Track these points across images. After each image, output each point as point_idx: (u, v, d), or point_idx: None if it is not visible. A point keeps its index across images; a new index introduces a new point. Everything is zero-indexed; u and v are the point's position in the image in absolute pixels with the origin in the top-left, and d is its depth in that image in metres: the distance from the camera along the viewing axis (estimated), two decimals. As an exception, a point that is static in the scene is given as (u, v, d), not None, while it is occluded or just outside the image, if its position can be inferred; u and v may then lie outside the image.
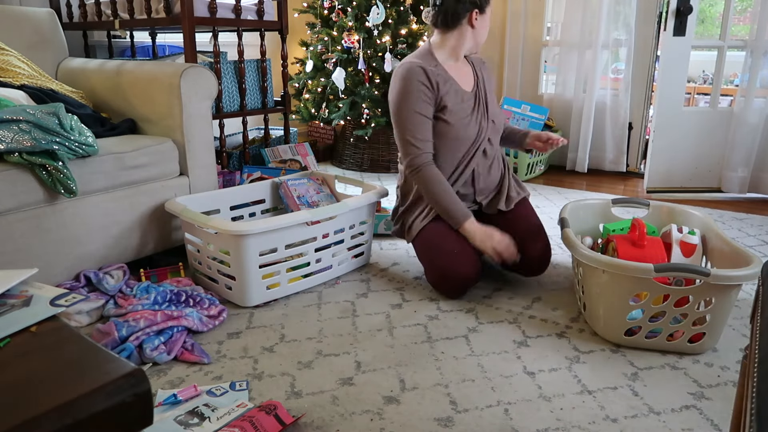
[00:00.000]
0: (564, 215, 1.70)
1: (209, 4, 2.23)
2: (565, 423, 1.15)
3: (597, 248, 1.69)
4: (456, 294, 1.69)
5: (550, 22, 3.48)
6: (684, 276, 1.30)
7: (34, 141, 1.48)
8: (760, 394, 0.50)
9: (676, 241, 1.55)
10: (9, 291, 0.83)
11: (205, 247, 1.68)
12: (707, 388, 1.26)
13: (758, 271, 1.28)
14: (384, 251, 2.09)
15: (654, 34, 3.17)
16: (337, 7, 3.14)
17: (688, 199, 2.83)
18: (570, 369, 1.34)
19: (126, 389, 0.62)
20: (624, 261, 1.34)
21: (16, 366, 0.65)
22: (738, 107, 2.84)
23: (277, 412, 1.13)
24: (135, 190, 1.76)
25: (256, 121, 3.56)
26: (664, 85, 2.87)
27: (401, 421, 1.15)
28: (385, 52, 3.03)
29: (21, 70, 1.96)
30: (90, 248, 1.67)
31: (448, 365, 1.35)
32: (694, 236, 1.56)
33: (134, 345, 1.35)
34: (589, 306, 1.50)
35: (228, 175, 2.41)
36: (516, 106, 3.23)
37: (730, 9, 2.79)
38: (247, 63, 2.58)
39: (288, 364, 1.35)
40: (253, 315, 1.60)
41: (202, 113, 1.89)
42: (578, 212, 1.82)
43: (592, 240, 1.75)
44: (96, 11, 2.49)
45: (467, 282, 1.65)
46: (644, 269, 1.31)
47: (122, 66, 2.03)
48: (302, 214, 1.63)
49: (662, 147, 2.95)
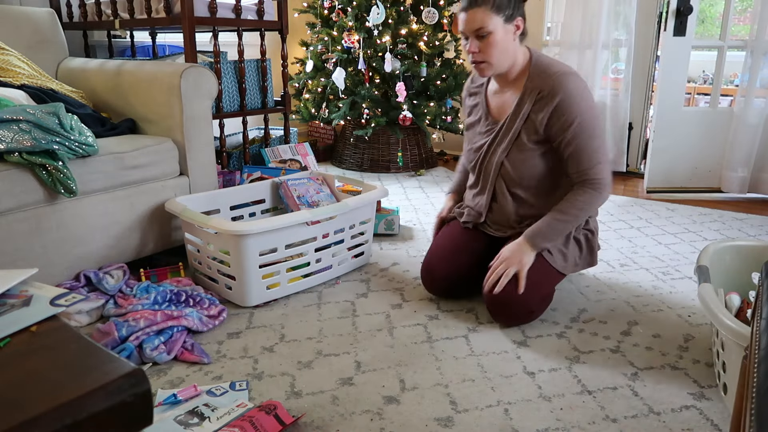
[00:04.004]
0: (703, 263, 1.30)
1: (209, 4, 2.23)
2: (565, 423, 1.15)
3: (746, 311, 1.29)
4: (437, 292, 1.67)
5: (550, 22, 3.48)
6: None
7: (34, 141, 1.48)
8: (760, 393, 0.50)
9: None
10: (9, 291, 0.83)
11: (205, 247, 1.68)
12: (707, 388, 1.26)
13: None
14: (384, 251, 2.09)
15: (654, 34, 3.17)
16: (337, 7, 3.14)
17: (688, 200, 2.83)
18: (570, 369, 1.34)
19: (126, 389, 0.62)
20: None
21: (16, 366, 0.65)
22: (738, 107, 2.84)
23: (277, 412, 1.13)
24: (135, 190, 1.76)
25: (256, 121, 3.56)
26: (664, 85, 2.87)
27: (401, 421, 1.15)
28: (385, 52, 3.03)
29: (21, 70, 1.96)
30: (90, 248, 1.67)
31: (448, 365, 1.35)
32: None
33: (134, 345, 1.35)
34: (731, 390, 1.14)
35: (228, 175, 2.41)
36: (516, 106, 3.22)
37: (730, 9, 2.79)
38: (247, 63, 2.58)
39: (288, 364, 1.35)
40: (253, 315, 1.60)
41: (202, 113, 1.89)
42: (724, 258, 1.39)
43: (740, 299, 1.31)
44: (96, 11, 2.49)
45: (438, 282, 1.63)
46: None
47: (122, 66, 2.03)
48: (302, 214, 1.63)
49: (662, 147, 2.95)
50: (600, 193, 1.49)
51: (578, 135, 1.45)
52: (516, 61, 1.52)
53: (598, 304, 1.67)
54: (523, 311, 1.49)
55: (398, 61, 3.05)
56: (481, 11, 1.43)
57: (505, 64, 1.51)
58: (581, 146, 1.46)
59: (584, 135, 1.46)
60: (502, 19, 1.44)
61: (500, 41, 1.46)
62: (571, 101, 1.44)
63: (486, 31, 1.44)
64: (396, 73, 3.06)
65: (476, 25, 1.44)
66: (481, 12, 1.43)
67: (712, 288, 1.20)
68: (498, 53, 1.47)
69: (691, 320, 1.57)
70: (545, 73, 1.48)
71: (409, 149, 3.39)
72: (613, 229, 2.36)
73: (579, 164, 1.48)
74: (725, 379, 1.17)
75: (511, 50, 1.49)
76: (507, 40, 1.47)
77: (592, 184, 1.48)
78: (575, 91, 1.44)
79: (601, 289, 1.77)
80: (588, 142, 1.46)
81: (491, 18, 1.43)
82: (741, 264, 1.41)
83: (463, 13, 1.46)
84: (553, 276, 1.55)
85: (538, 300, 1.51)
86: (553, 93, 1.45)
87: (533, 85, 1.49)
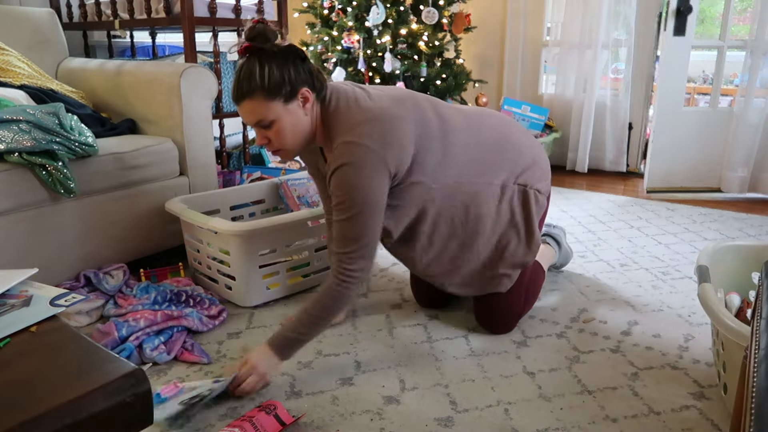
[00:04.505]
0: (703, 263, 1.29)
1: (209, 4, 2.23)
2: (565, 423, 1.15)
3: (746, 310, 1.29)
4: (429, 306, 1.64)
5: (550, 22, 3.48)
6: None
7: (34, 141, 1.48)
8: (760, 393, 0.50)
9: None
10: (9, 291, 0.83)
11: (205, 247, 1.68)
12: (707, 388, 1.26)
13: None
14: (384, 251, 2.08)
15: (654, 34, 3.17)
16: (337, 7, 3.14)
17: (688, 199, 2.83)
18: (570, 369, 1.34)
19: (126, 389, 0.62)
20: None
21: (16, 366, 0.65)
22: (738, 107, 2.84)
23: (277, 412, 1.13)
24: (135, 190, 1.76)
25: (256, 121, 3.55)
26: (664, 85, 2.87)
27: (401, 421, 1.15)
28: (385, 52, 3.03)
29: (21, 70, 1.96)
30: (90, 248, 1.67)
31: (448, 365, 1.35)
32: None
33: (134, 345, 1.35)
34: (731, 390, 1.14)
35: (228, 175, 2.41)
36: (516, 107, 3.23)
37: (730, 9, 2.79)
38: (247, 63, 2.58)
39: (288, 364, 1.35)
40: (253, 315, 1.60)
41: (202, 113, 1.89)
42: (724, 258, 1.38)
43: (740, 298, 1.31)
44: (96, 11, 2.49)
45: (428, 299, 1.63)
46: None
47: (122, 66, 2.03)
48: (302, 214, 1.63)
49: (662, 147, 2.95)
50: (346, 287, 1.24)
51: (340, 213, 1.24)
52: (316, 127, 1.29)
53: (598, 304, 1.67)
54: (509, 322, 1.50)
55: (398, 61, 3.05)
56: (255, 103, 1.19)
57: (303, 141, 1.28)
58: (340, 226, 1.24)
59: (345, 216, 1.23)
60: (282, 102, 1.20)
61: (288, 124, 1.23)
62: (343, 177, 1.21)
63: (267, 121, 1.21)
64: (396, 73, 3.06)
65: (255, 118, 1.22)
66: (254, 103, 1.20)
67: (712, 288, 1.18)
68: (291, 137, 1.25)
69: (691, 320, 1.57)
70: (333, 143, 1.26)
71: (409, 149, 3.39)
72: (613, 229, 2.36)
73: (336, 244, 1.26)
74: (725, 379, 1.16)
75: (305, 124, 1.26)
76: (296, 120, 1.24)
77: (342, 276, 1.24)
78: (351, 167, 1.21)
79: (601, 289, 1.77)
80: (346, 225, 1.23)
81: (267, 106, 1.20)
82: (741, 264, 1.41)
83: (238, 107, 1.24)
84: (519, 288, 1.48)
85: (521, 303, 1.49)
86: (332, 164, 1.24)
87: (327, 152, 1.32)
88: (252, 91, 1.19)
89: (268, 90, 1.19)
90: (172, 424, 1.14)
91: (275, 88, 1.19)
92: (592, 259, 2.01)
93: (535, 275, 1.55)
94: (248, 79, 1.19)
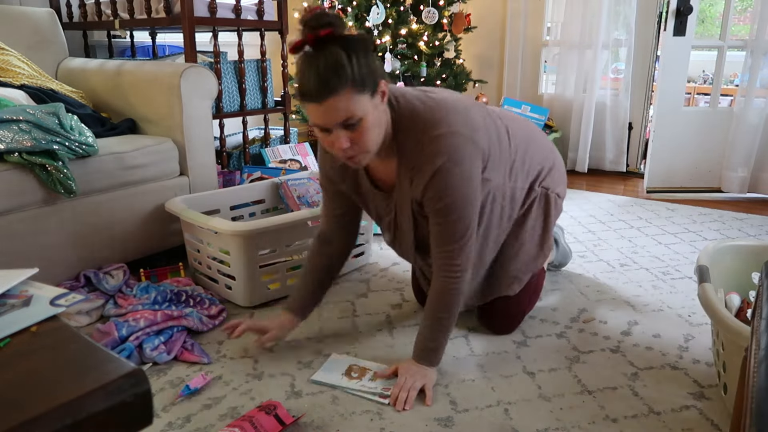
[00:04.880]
0: (703, 263, 1.28)
1: (209, 4, 2.23)
2: (565, 423, 1.15)
3: (746, 310, 1.28)
4: (420, 303, 1.65)
5: (550, 22, 3.48)
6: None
7: (34, 141, 1.48)
8: (760, 393, 0.50)
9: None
10: (9, 291, 0.83)
11: (205, 247, 1.68)
12: (707, 388, 1.26)
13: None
14: (384, 251, 2.08)
15: (654, 34, 3.17)
16: (337, 7, 3.14)
17: (688, 199, 2.83)
18: (570, 369, 1.34)
19: (126, 389, 0.61)
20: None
21: (16, 366, 0.65)
22: (738, 107, 2.84)
23: (277, 412, 1.13)
24: (135, 190, 1.76)
25: (256, 121, 3.56)
26: (664, 85, 2.87)
27: (401, 421, 1.15)
28: (385, 52, 3.03)
29: (21, 70, 1.96)
30: (90, 248, 1.67)
31: (448, 365, 1.35)
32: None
33: (134, 345, 1.35)
34: (731, 390, 1.13)
35: (228, 175, 2.41)
36: (516, 107, 3.23)
37: (730, 9, 2.79)
38: (247, 63, 2.58)
39: (288, 364, 1.35)
40: (253, 315, 1.60)
41: (202, 113, 1.89)
42: (724, 258, 1.38)
43: (740, 298, 1.31)
44: (96, 11, 2.49)
45: (415, 294, 1.65)
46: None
47: (122, 66, 2.03)
48: (302, 214, 1.63)
49: (662, 147, 2.95)
50: (457, 281, 1.24)
51: (445, 216, 1.21)
52: (387, 129, 1.19)
53: (598, 304, 1.67)
54: (512, 324, 1.50)
55: (398, 61, 3.05)
56: (343, 98, 1.05)
57: (382, 141, 1.17)
58: (444, 228, 1.22)
59: (451, 218, 1.21)
60: (369, 96, 1.08)
61: (374, 122, 1.11)
62: (443, 178, 1.17)
63: (356, 119, 1.08)
64: (396, 73, 3.06)
65: (342, 116, 1.07)
66: (344, 99, 1.05)
67: (712, 288, 1.18)
68: (376, 136, 1.13)
69: (691, 320, 1.57)
70: (417, 144, 1.18)
71: (409, 149, 3.39)
72: (613, 229, 2.36)
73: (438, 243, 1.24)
74: (725, 379, 1.16)
75: (385, 122, 1.16)
76: (380, 117, 1.13)
77: (450, 270, 1.24)
78: (450, 165, 1.16)
79: (601, 289, 1.77)
80: (451, 226, 1.21)
81: (357, 101, 1.06)
82: (741, 264, 1.41)
83: (316, 105, 1.06)
84: (529, 291, 1.49)
85: (525, 302, 1.50)
86: (423, 167, 1.18)
87: (404, 158, 1.21)
88: (342, 85, 1.04)
89: (359, 83, 1.05)
90: (319, 386, 1.26)
91: (364, 81, 1.06)
92: (592, 259, 2.01)
93: (539, 277, 1.55)
94: (335, 71, 1.03)
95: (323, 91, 1.04)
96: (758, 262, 1.38)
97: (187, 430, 1.12)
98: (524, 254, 1.43)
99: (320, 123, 1.09)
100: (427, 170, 1.17)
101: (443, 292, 1.25)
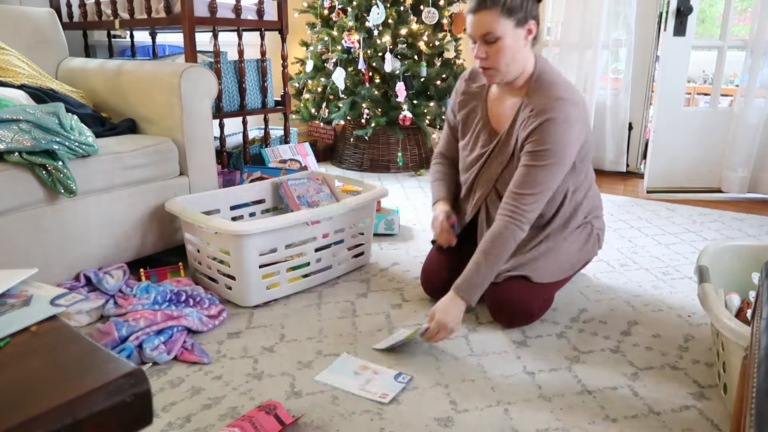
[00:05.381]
0: (703, 263, 1.30)
1: (209, 4, 2.23)
2: (565, 423, 1.15)
3: (746, 310, 1.29)
4: (437, 296, 1.63)
5: (550, 22, 3.48)
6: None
7: (34, 141, 1.48)
8: (760, 393, 0.50)
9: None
10: (9, 291, 0.83)
11: (205, 247, 1.68)
12: (707, 388, 1.26)
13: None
14: (384, 251, 2.09)
15: (654, 34, 3.17)
16: (337, 7, 3.14)
17: (688, 200, 2.83)
18: (570, 369, 1.34)
19: (126, 389, 0.62)
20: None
21: (16, 366, 0.65)
22: (738, 107, 2.84)
23: (277, 412, 1.13)
24: (135, 190, 1.76)
25: (256, 121, 3.56)
26: (664, 85, 2.87)
27: (401, 421, 1.15)
28: (385, 52, 3.03)
29: (21, 70, 1.96)
30: (90, 248, 1.67)
31: (448, 365, 1.35)
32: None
33: (134, 345, 1.35)
34: (731, 390, 1.14)
35: (228, 175, 2.41)
36: (516, 106, 3.22)
37: (730, 9, 2.79)
38: (247, 63, 2.58)
39: (288, 364, 1.35)
40: (253, 315, 1.60)
41: (202, 113, 1.89)
42: (724, 258, 1.39)
43: (740, 298, 1.31)
44: (96, 11, 2.49)
45: (439, 287, 1.62)
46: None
47: (122, 66, 2.03)
48: (302, 214, 1.63)
49: (662, 147, 2.95)
50: (517, 228, 1.38)
51: (538, 160, 1.37)
52: (525, 69, 1.42)
53: (598, 304, 1.67)
54: (524, 314, 1.50)
55: (398, 61, 3.05)
56: (490, 14, 1.31)
57: (514, 71, 1.40)
58: (532, 171, 1.38)
59: (542, 163, 1.37)
60: (513, 24, 1.33)
61: (510, 47, 1.35)
62: (554, 128, 1.35)
63: (494, 37, 1.33)
64: (396, 73, 3.06)
65: (484, 30, 1.33)
66: (490, 15, 1.32)
67: (712, 288, 1.19)
68: (507, 60, 1.36)
69: (691, 320, 1.57)
70: (545, 95, 1.38)
71: (409, 149, 3.39)
72: (613, 229, 2.36)
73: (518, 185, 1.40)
74: (725, 379, 1.17)
75: (522, 57, 1.39)
76: (517, 47, 1.36)
77: (516, 215, 1.38)
78: (563, 122, 1.35)
79: (601, 289, 1.77)
80: (539, 171, 1.37)
81: (501, 22, 1.32)
82: (741, 264, 1.41)
83: (471, 15, 1.35)
84: (554, 282, 1.55)
85: (540, 303, 1.51)
86: (542, 113, 1.36)
87: (529, 101, 1.41)
88: (494, 5, 1.31)
89: (508, 8, 1.31)
90: (319, 386, 1.28)
91: (513, 9, 1.32)
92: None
93: (553, 290, 1.58)
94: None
95: (477, 4, 1.33)
96: (758, 262, 1.40)
97: (187, 430, 1.12)
98: (556, 258, 1.54)
99: (470, 32, 1.37)
100: (543, 116, 1.36)
101: (501, 233, 1.38)
